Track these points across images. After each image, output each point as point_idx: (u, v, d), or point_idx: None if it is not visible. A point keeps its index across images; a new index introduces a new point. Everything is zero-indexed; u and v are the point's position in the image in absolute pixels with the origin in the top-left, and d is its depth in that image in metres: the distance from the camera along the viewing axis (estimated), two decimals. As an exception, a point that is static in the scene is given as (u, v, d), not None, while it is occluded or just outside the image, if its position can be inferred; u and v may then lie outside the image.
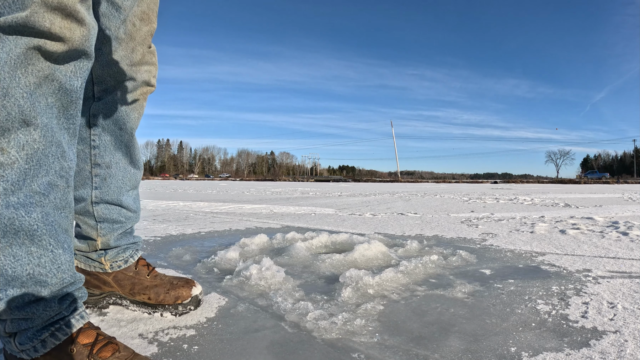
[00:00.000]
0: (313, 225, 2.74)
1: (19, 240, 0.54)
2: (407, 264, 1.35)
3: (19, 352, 0.59)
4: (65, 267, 0.60)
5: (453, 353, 0.76)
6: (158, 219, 3.15)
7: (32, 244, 0.55)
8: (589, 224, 2.67)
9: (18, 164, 0.52)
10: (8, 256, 0.54)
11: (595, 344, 0.79)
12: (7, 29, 0.50)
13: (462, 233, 2.35)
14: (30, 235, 0.55)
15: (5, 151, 0.51)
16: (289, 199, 6.24)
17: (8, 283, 0.55)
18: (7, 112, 0.50)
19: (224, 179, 53.10)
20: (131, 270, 0.95)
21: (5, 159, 0.51)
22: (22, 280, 0.55)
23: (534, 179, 56.87)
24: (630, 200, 5.59)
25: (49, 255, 0.57)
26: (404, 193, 8.77)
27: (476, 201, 5.53)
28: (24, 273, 0.55)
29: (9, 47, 0.50)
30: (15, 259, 0.54)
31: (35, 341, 0.59)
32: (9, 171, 0.52)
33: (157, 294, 0.93)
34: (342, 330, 0.86)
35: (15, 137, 0.52)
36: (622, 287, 1.18)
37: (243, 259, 1.44)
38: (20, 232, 0.54)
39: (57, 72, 0.55)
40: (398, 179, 50.50)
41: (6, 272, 0.54)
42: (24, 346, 0.59)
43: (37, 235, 0.56)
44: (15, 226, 0.53)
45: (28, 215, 0.54)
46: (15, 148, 0.52)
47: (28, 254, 0.55)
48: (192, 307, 0.97)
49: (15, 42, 0.50)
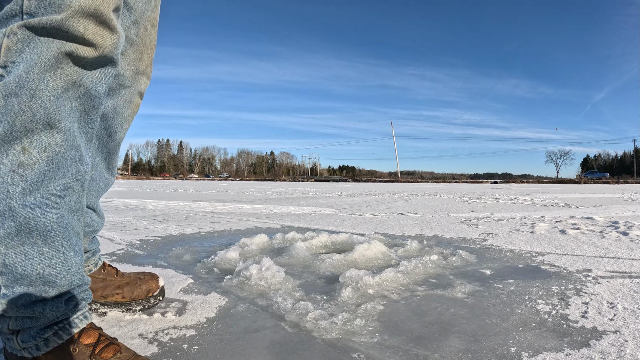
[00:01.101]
0: (313, 225, 2.74)
1: (32, 240, 0.54)
2: (407, 264, 1.35)
3: (20, 350, 0.59)
4: (74, 270, 0.61)
5: (453, 353, 0.76)
6: (158, 219, 3.15)
7: (44, 245, 0.55)
8: (589, 224, 2.67)
9: (38, 165, 0.53)
10: (19, 254, 0.54)
11: (595, 344, 0.79)
12: (40, 31, 0.50)
13: (462, 233, 2.35)
14: (43, 236, 0.55)
15: (27, 151, 0.51)
16: (289, 199, 6.24)
17: (16, 281, 0.55)
18: (32, 113, 0.51)
19: (224, 179, 53.13)
20: (100, 273, 0.95)
21: (27, 159, 0.52)
22: (31, 280, 0.55)
23: (534, 179, 56.87)
24: (630, 200, 5.59)
25: (60, 257, 0.57)
26: (404, 193, 8.77)
27: (476, 201, 5.53)
28: (34, 272, 0.55)
29: (40, 49, 0.51)
30: (26, 257, 0.54)
31: (38, 339, 0.58)
32: (29, 171, 0.52)
33: (131, 291, 0.96)
34: (342, 330, 0.86)
35: (38, 139, 0.52)
36: (622, 287, 1.18)
37: (243, 259, 1.44)
38: (34, 232, 0.54)
39: (84, 77, 0.55)
40: (398, 179, 50.50)
41: (16, 270, 0.54)
42: (26, 344, 0.58)
43: (51, 237, 0.56)
44: (30, 226, 0.54)
45: (43, 216, 0.54)
46: (37, 149, 0.52)
47: (40, 254, 0.55)
48: (161, 298, 1.02)
49: (47, 44, 0.51)
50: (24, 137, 0.51)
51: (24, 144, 0.52)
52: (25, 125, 0.51)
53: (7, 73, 0.50)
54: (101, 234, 2.29)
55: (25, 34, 0.50)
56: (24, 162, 0.52)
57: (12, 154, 0.51)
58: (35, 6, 0.50)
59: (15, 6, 0.51)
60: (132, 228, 2.58)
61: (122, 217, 3.29)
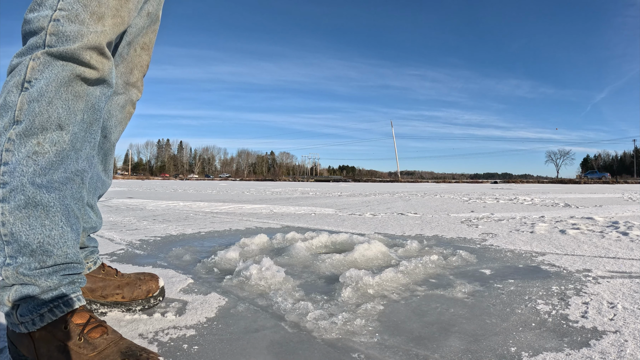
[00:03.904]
0: (313, 225, 2.74)
1: (36, 213, 0.65)
2: (407, 264, 1.35)
3: (18, 324, 0.66)
4: (70, 244, 0.70)
5: (453, 353, 0.76)
6: (158, 219, 3.15)
7: (46, 218, 0.66)
8: (589, 224, 2.67)
9: (48, 155, 0.66)
10: (25, 225, 0.65)
11: (595, 344, 0.79)
12: (58, 56, 0.66)
13: (462, 233, 2.35)
14: (46, 211, 0.66)
15: (40, 144, 0.65)
16: (289, 199, 6.24)
17: (20, 250, 0.65)
18: (48, 115, 0.65)
19: (224, 179, 53.14)
20: (100, 273, 0.98)
21: (40, 149, 0.65)
22: (32, 248, 0.65)
23: (534, 179, 56.87)
24: (630, 200, 5.59)
25: (58, 230, 0.68)
26: (404, 193, 8.77)
27: (476, 201, 5.53)
28: (35, 241, 0.65)
29: (57, 70, 0.66)
30: (30, 228, 0.65)
31: (35, 314, 0.65)
32: (40, 158, 0.65)
33: (131, 291, 0.97)
34: (342, 330, 0.86)
35: (51, 136, 0.66)
36: (622, 287, 1.18)
37: (243, 259, 1.44)
38: (39, 206, 0.66)
39: (89, 94, 0.70)
40: (398, 179, 50.50)
41: (20, 238, 0.65)
42: (24, 318, 0.65)
43: (52, 212, 0.67)
44: (36, 200, 0.65)
45: (48, 194, 0.66)
46: (49, 143, 0.66)
47: (42, 225, 0.66)
48: (161, 298, 1.02)
49: (63, 67, 0.66)
50: (39, 133, 0.65)
51: (39, 139, 0.65)
52: (42, 124, 0.65)
53: (30, 86, 0.65)
54: (101, 233, 2.29)
55: (47, 59, 0.66)
56: (38, 151, 0.65)
57: (29, 144, 0.65)
58: (55, 41, 0.66)
59: (39, 40, 0.67)
60: (132, 228, 2.58)
61: (122, 217, 3.29)
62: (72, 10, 0.67)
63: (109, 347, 0.64)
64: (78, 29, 0.67)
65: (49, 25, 0.66)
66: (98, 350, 0.64)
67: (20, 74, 0.66)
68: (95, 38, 0.68)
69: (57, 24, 0.66)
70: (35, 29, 0.67)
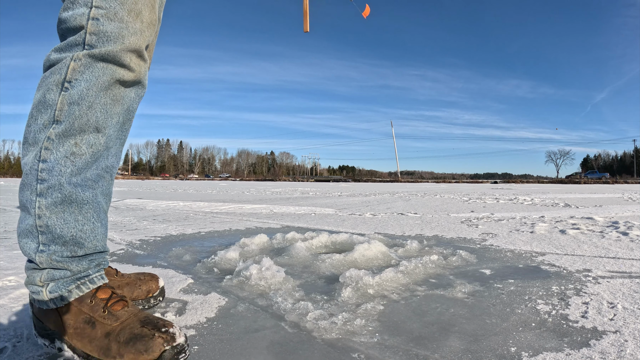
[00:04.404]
0: (313, 225, 2.74)
1: (71, 209, 0.71)
2: (407, 264, 1.35)
3: (47, 301, 0.72)
4: (99, 237, 0.76)
5: (453, 353, 0.76)
6: (158, 219, 3.15)
7: (79, 214, 0.72)
8: (589, 224, 2.67)
9: (85, 156, 0.71)
10: (60, 219, 0.71)
11: (595, 344, 0.79)
12: (99, 58, 0.69)
13: (462, 233, 2.35)
14: (79, 207, 0.72)
15: (78, 145, 0.70)
16: (289, 199, 6.24)
17: (54, 240, 0.71)
18: (87, 119, 0.70)
19: (224, 179, 53.13)
20: None
21: (77, 150, 0.70)
22: (65, 240, 0.72)
23: (534, 179, 56.86)
24: (630, 200, 5.59)
25: (90, 225, 0.74)
26: (404, 193, 8.77)
27: (476, 201, 5.53)
28: (69, 234, 0.72)
29: (98, 73, 0.69)
30: (65, 222, 0.71)
31: (64, 290, 0.72)
32: (77, 159, 0.70)
33: (131, 291, 0.97)
34: (342, 330, 0.86)
35: (88, 138, 0.71)
36: (622, 287, 1.18)
37: (243, 259, 1.44)
38: (74, 203, 0.71)
39: (126, 96, 0.75)
40: (398, 179, 50.49)
41: (55, 231, 0.71)
42: (53, 294, 0.72)
43: (85, 209, 0.73)
44: (72, 198, 0.71)
45: (82, 193, 0.72)
46: (86, 145, 0.71)
47: (75, 220, 0.72)
48: (161, 298, 1.03)
49: (103, 70, 0.69)
50: (77, 135, 0.70)
51: (77, 140, 0.70)
52: (81, 127, 0.69)
53: (71, 87, 0.68)
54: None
55: (88, 60, 0.69)
56: (75, 152, 0.70)
57: (67, 144, 0.69)
58: (95, 40, 0.68)
59: (79, 38, 0.69)
60: (132, 228, 2.58)
61: (122, 217, 3.29)
62: (110, 9, 0.68)
63: (129, 318, 0.72)
64: (118, 28, 0.69)
65: (89, 24, 0.68)
66: (120, 321, 0.71)
67: (61, 73, 0.68)
68: (135, 41, 0.71)
69: (97, 22, 0.68)
70: (74, 27, 0.69)
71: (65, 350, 0.72)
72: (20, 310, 0.97)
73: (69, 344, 0.71)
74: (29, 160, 0.70)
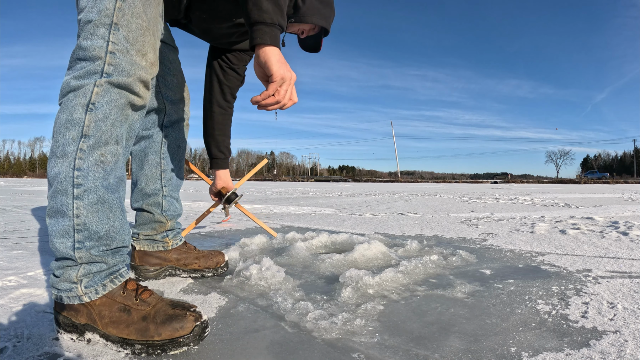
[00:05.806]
0: (313, 225, 2.74)
1: (103, 208, 0.83)
2: (407, 264, 1.35)
3: (82, 295, 0.80)
4: (126, 232, 0.88)
5: (453, 353, 0.76)
6: (158, 219, 3.14)
7: (110, 212, 0.84)
8: (589, 224, 2.67)
9: (110, 164, 0.84)
10: (95, 217, 0.81)
11: (595, 344, 0.79)
12: (116, 85, 0.83)
13: (462, 233, 2.35)
14: (110, 206, 0.84)
15: (104, 155, 0.82)
16: (289, 199, 6.24)
17: (89, 237, 0.81)
18: (110, 133, 0.83)
19: (224, 179, 52.86)
20: (183, 247, 1.31)
21: (104, 159, 0.82)
22: (99, 235, 0.82)
23: (534, 179, 56.83)
24: (630, 200, 5.59)
25: (118, 222, 0.85)
26: (404, 193, 8.77)
27: (476, 201, 5.53)
28: (103, 230, 0.82)
29: (115, 96, 0.83)
30: (99, 220, 0.82)
31: (99, 285, 0.81)
32: (105, 166, 0.83)
33: (205, 262, 1.29)
34: (342, 330, 0.86)
35: (111, 149, 0.83)
36: (622, 287, 1.18)
37: (243, 259, 1.44)
38: (106, 203, 0.83)
39: (132, 117, 0.88)
40: (398, 179, 50.48)
41: (91, 228, 0.81)
42: (88, 289, 0.80)
43: (114, 208, 0.85)
44: (104, 199, 0.82)
45: (112, 194, 0.84)
46: (110, 155, 0.83)
47: (107, 218, 0.83)
48: (226, 269, 1.33)
49: (119, 94, 0.83)
50: (103, 147, 0.82)
51: (102, 150, 0.82)
52: (105, 140, 0.82)
53: (95, 108, 0.81)
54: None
55: (108, 87, 0.82)
56: (103, 160, 0.82)
57: (96, 155, 0.81)
58: (113, 70, 0.82)
59: (97, 67, 0.81)
60: (132, 228, 2.58)
61: (122, 217, 3.29)
62: (123, 48, 0.83)
63: (159, 303, 0.82)
64: (130, 64, 0.84)
65: (107, 57, 0.82)
66: (152, 305, 0.81)
67: (86, 96, 0.81)
68: (143, 74, 0.86)
69: (114, 56, 0.82)
70: (92, 57, 0.82)
71: (97, 340, 0.80)
72: (20, 310, 0.97)
73: (102, 333, 0.80)
74: (62, 170, 0.80)
